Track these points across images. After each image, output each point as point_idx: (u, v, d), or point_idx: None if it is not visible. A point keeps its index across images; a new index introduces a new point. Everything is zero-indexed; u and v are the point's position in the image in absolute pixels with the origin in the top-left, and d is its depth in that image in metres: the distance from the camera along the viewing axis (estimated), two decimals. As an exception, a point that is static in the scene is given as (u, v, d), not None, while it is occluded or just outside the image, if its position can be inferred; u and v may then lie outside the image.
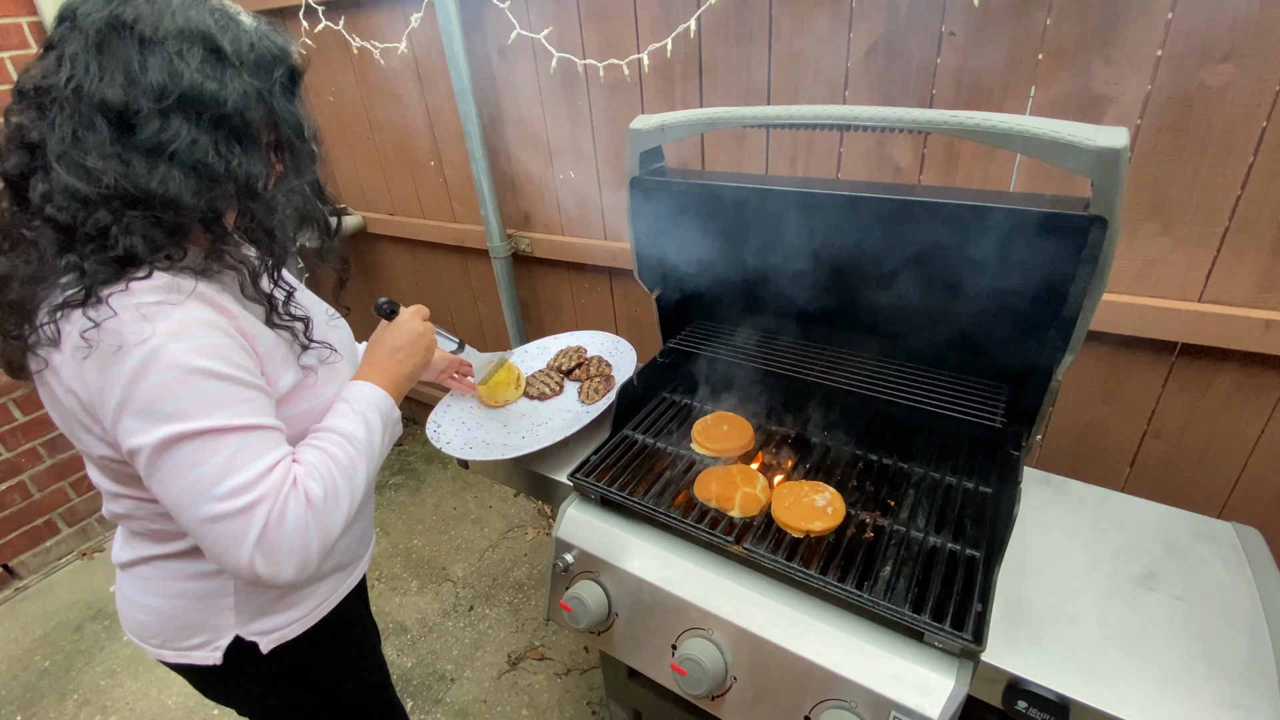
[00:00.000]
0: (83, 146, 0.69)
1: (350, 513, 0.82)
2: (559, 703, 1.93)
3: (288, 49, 0.80)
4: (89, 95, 0.69)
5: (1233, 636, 0.86)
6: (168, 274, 0.74)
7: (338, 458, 0.83)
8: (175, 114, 0.70)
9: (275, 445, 0.78)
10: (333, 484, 0.80)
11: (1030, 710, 0.82)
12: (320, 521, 0.77)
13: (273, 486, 0.74)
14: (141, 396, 0.70)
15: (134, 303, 0.70)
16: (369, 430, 0.88)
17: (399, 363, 0.98)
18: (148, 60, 0.69)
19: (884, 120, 0.86)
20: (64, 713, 2.06)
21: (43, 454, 2.55)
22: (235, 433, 0.73)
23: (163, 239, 0.73)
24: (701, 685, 0.94)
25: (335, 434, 0.85)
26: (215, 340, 0.74)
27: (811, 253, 1.17)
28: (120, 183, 0.69)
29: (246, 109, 0.74)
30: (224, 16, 0.74)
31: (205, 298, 0.76)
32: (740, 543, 1.00)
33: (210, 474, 0.72)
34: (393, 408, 0.94)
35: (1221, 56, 1.07)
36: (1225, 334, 1.21)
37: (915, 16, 1.28)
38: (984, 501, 1.09)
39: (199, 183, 0.72)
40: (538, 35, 1.77)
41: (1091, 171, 0.76)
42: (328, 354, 0.93)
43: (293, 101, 0.80)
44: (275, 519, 0.73)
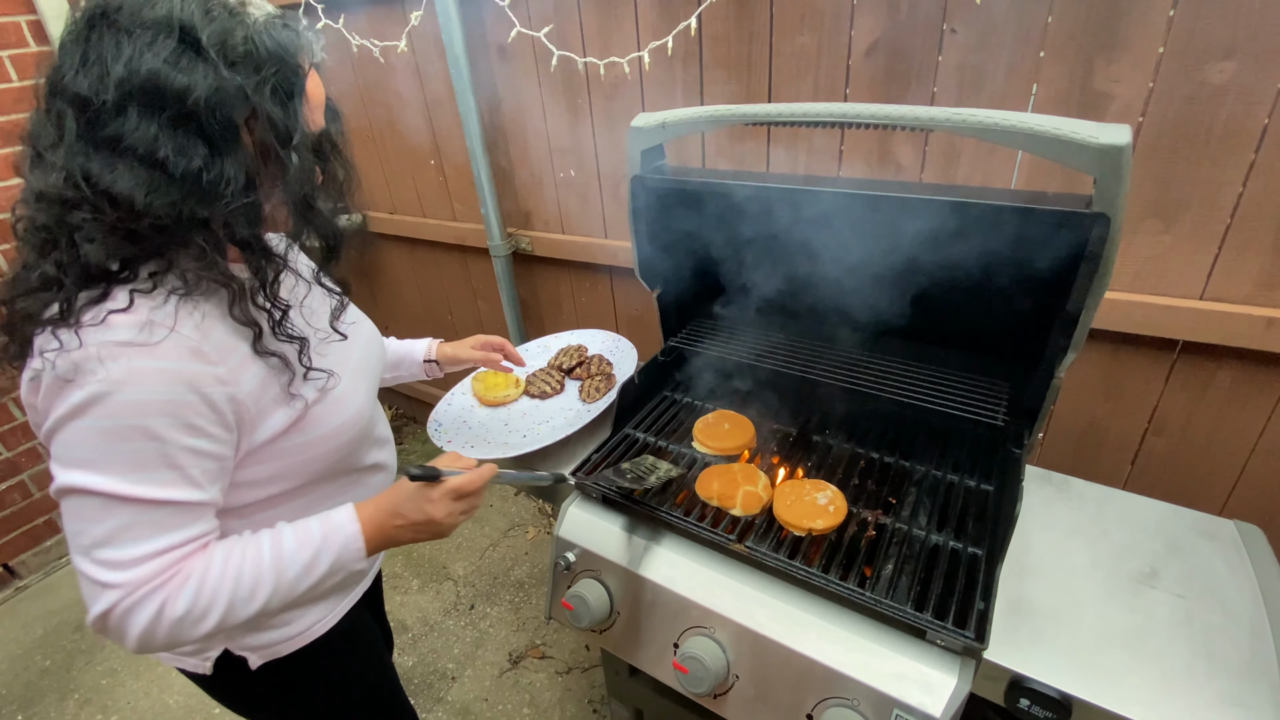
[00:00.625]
0: (55, 143, 0.67)
1: (221, 627, 0.76)
2: (560, 701, 1.93)
3: (292, 48, 0.72)
4: (64, 88, 0.66)
5: (1234, 634, 0.86)
6: (152, 301, 0.70)
7: (239, 584, 0.76)
8: (133, 106, 0.65)
9: (170, 528, 0.72)
10: (204, 608, 0.74)
11: (1033, 708, 0.82)
12: (169, 630, 0.73)
13: (136, 579, 0.70)
14: (70, 435, 0.68)
15: (103, 339, 0.67)
16: (307, 568, 0.80)
17: (397, 529, 0.85)
18: (120, 50, 0.64)
19: (885, 118, 0.86)
20: (65, 712, 2.06)
21: (42, 453, 2.55)
22: (135, 504, 0.70)
23: (124, 247, 0.69)
24: (704, 684, 0.94)
25: (268, 552, 0.78)
26: (172, 396, 0.69)
27: (813, 251, 1.16)
28: (74, 177, 0.66)
29: (220, 106, 0.67)
30: (220, 7, 0.68)
31: (184, 340, 0.70)
32: (742, 541, 1.00)
33: (93, 535, 0.69)
34: (359, 558, 0.83)
35: (1223, 54, 1.07)
36: (1227, 332, 1.21)
37: (916, 14, 1.28)
38: (986, 500, 1.09)
39: (154, 183, 0.66)
40: (538, 33, 1.76)
41: (1094, 169, 0.76)
42: (323, 379, 0.86)
43: (285, 105, 0.72)
44: (121, 610, 0.70)
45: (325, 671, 1.02)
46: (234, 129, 0.69)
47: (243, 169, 0.70)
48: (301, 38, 0.74)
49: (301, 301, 0.87)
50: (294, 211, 0.76)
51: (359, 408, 0.93)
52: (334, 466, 0.92)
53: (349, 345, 0.96)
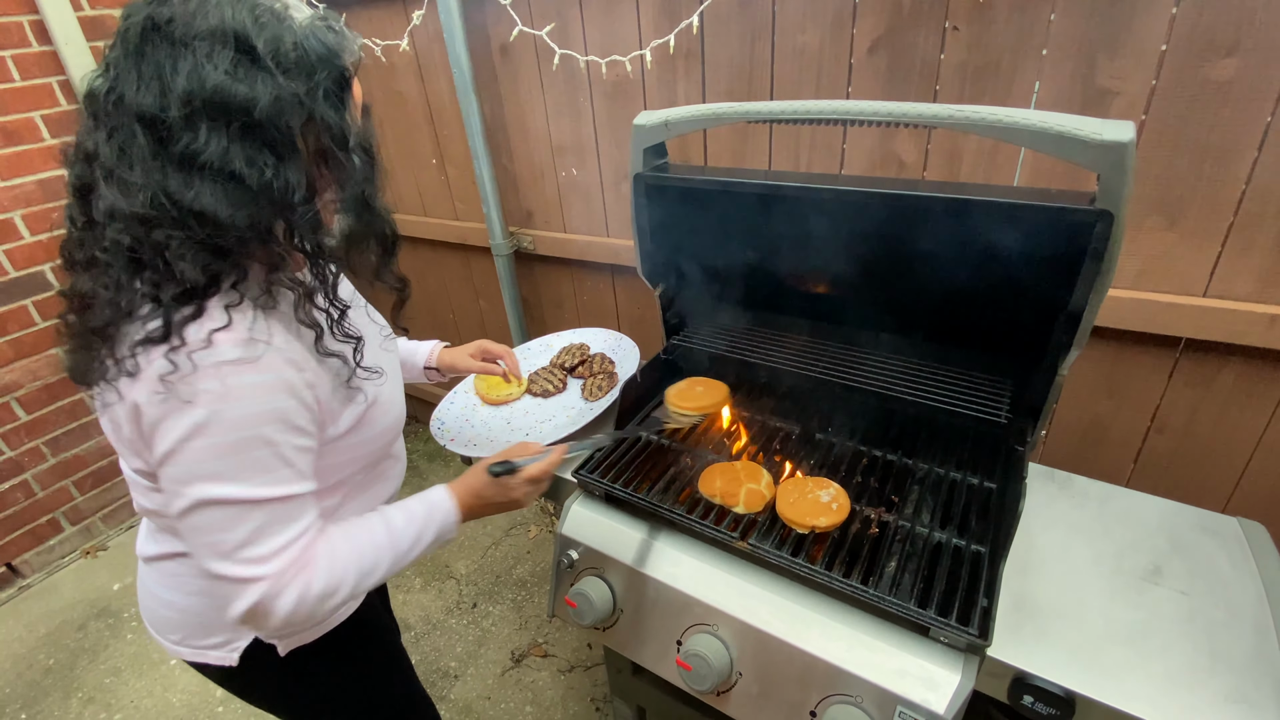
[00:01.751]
0: (127, 160, 0.67)
1: (344, 601, 0.82)
2: (563, 699, 1.94)
3: (338, 49, 0.73)
4: (128, 105, 0.66)
5: (1238, 631, 0.86)
6: (245, 315, 0.72)
7: (363, 558, 0.83)
8: (203, 121, 0.65)
9: (301, 515, 0.78)
10: (338, 583, 0.80)
11: (1036, 705, 0.82)
12: (310, 609, 0.78)
13: (279, 568, 0.76)
14: (192, 453, 0.70)
15: (215, 360, 0.69)
16: (415, 543, 0.89)
17: (482, 507, 0.98)
18: (178, 64, 0.65)
19: (887, 115, 0.86)
20: (69, 711, 2.07)
21: (45, 453, 2.55)
22: (268, 504, 0.74)
23: (213, 262, 0.70)
24: (707, 681, 0.94)
25: (385, 530, 0.87)
26: (281, 404, 0.73)
27: (815, 248, 1.17)
28: (159, 199, 0.66)
29: (281, 114, 0.68)
30: (267, 13, 0.68)
31: (281, 351, 0.74)
32: (745, 539, 1.00)
33: (232, 540, 0.74)
34: (453, 531, 0.94)
35: (1226, 51, 1.07)
36: (1230, 329, 1.21)
37: (918, 11, 1.28)
38: (989, 497, 1.09)
39: (235, 196, 0.67)
40: (540, 32, 1.76)
41: (1098, 165, 0.76)
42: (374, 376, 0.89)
43: (339, 107, 0.73)
44: (269, 597, 0.75)
45: (345, 660, 1.06)
46: (292, 136, 0.70)
47: (303, 175, 0.71)
48: (344, 38, 0.75)
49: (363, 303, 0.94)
50: (353, 211, 0.78)
51: (402, 402, 1.00)
52: (371, 461, 0.97)
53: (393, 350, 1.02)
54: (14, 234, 2.28)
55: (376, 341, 0.97)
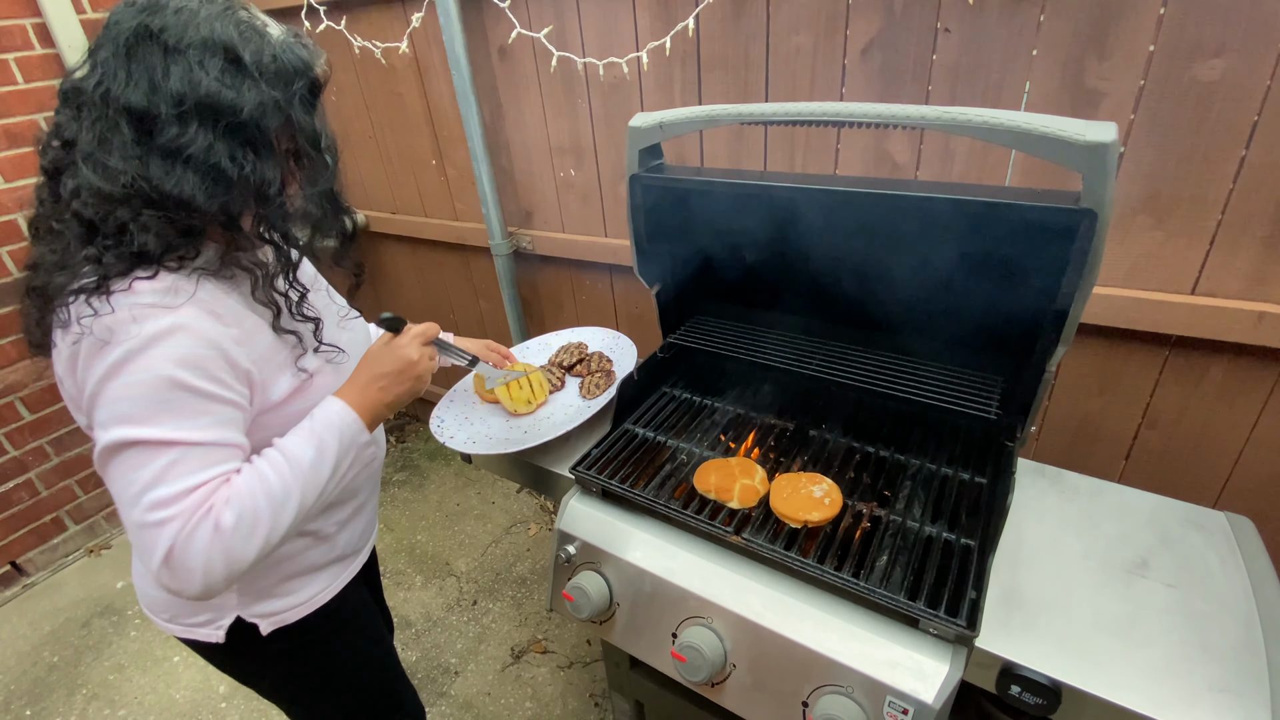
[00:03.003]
0: (107, 147, 0.73)
1: (271, 539, 0.81)
2: (562, 695, 1.95)
3: (310, 62, 0.82)
4: (115, 99, 0.73)
5: (1224, 623, 0.88)
6: (173, 275, 0.78)
7: (270, 485, 0.81)
8: (193, 120, 0.73)
9: (212, 464, 0.78)
10: (252, 513, 0.79)
11: (1023, 695, 0.83)
12: (227, 548, 0.77)
13: (186, 508, 0.75)
14: (110, 393, 0.74)
15: (131, 301, 0.74)
16: (319, 455, 0.86)
17: (381, 389, 0.93)
18: (170, 68, 0.72)
19: (878, 116, 0.88)
20: (73, 707, 2.09)
21: (49, 452, 2.57)
22: (176, 446, 0.76)
23: (176, 238, 0.77)
24: (701, 672, 0.96)
25: (280, 456, 0.84)
26: (196, 350, 0.76)
27: (809, 248, 1.18)
28: (138, 183, 0.73)
29: (263, 118, 0.77)
30: (249, 29, 0.77)
31: (203, 303, 0.78)
32: (739, 533, 1.02)
33: (141, 482, 0.75)
34: (360, 431, 0.90)
35: (1213, 51, 1.08)
36: (1219, 326, 1.22)
37: (911, 14, 1.29)
38: (979, 492, 1.10)
39: (212, 186, 0.75)
40: (538, 34, 1.78)
41: (1081, 166, 0.77)
42: (334, 354, 0.97)
43: (311, 112, 0.82)
44: (182, 541, 0.75)
45: (327, 640, 1.10)
46: (271, 136, 0.79)
47: (279, 171, 0.81)
48: (313, 52, 0.83)
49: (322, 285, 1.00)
50: (320, 204, 0.87)
51: None
52: None
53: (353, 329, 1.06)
54: (17, 235, 2.30)
55: (333, 321, 1.02)
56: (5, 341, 2.38)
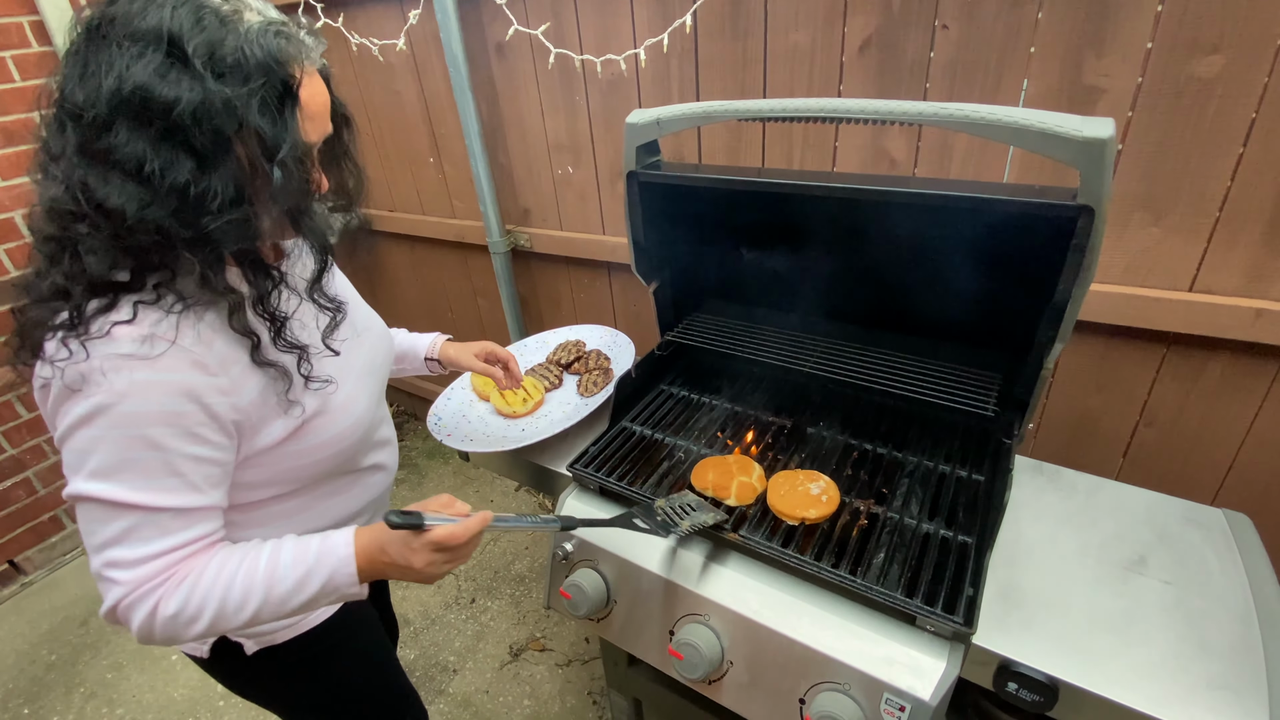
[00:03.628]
0: (57, 154, 0.68)
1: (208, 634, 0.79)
2: (560, 693, 1.95)
3: (284, 57, 0.70)
4: (63, 100, 0.67)
5: (1221, 619, 0.88)
6: (155, 313, 0.71)
7: (230, 591, 0.77)
8: (122, 120, 0.65)
9: (173, 530, 0.75)
10: (194, 612, 0.76)
11: (1020, 692, 0.83)
12: (161, 629, 0.76)
13: (136, 578, 0.74)
14: (78, 442, 0.71)
15: (108, 351, 0.69)
16: (299, 588, 0.79)
17: (384, 565, 0.82)
18: (113, 62, 0.64)
19: (874, 113, 0.88)
20: (71, 705, 2.08)
21: (47, 450, 2.57)
22: (137, 510, 0.73)
23: (121, 259, 0.70)
24: (698, 669, 0.96)
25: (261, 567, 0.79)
26: (173, 407, 0.71)
27: (806, 245, 1.18)
28: (74, 190, 0.67)
29: (207, 119, 0.65)
30: (211, 15, 0.67)
31: (186, 352, 0.72)
32: (736, 530, 1.02)
33: (101, 537, 0.74)
34: (350, 584, 0.81)
35: (1211, 48, 1.08)
36: (1216, 323, 1.22)
37: (909, 10, 1.29)
38: (977, 489, 1.10)
39: (144, 196, 0.66)
40: (535, 31, 1.78)
41: (1078, 162, 0.77)
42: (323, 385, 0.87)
43: (275, 116, 0.70)
44: (124, 606, 0.75)
45: (322, 658, 1.04)
46: (224, 141, 0.68)
47: (232, 182, 0.69)
48: (294, 45, 0.71)
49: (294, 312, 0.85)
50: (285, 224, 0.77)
51: (359, 414, 0.93)
52: (330, 471, 0.93)
53: (354, 350, 0.96)
54: (14, 233, 2.30)
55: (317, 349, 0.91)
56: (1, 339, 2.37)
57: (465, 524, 0.81)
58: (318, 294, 0.85)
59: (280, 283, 0.80)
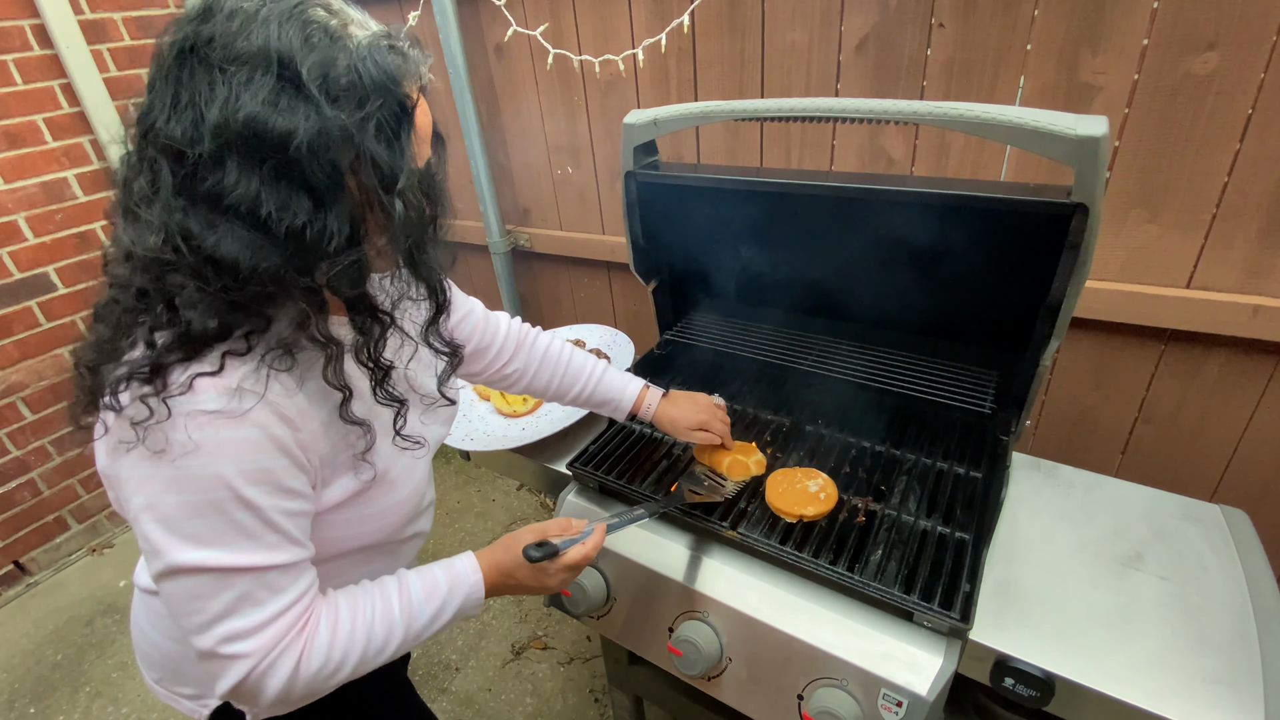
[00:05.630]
0: (151, 197, 0.60)
1: (353, 678, 0.74)
2: (562, 691, 1.96)
3: (398, 75, 0.63)
4: (156, 135, 0.58)
5: (1218, 615, 0.88)
6: (244, 365, 0.64)
7: (372, 635, 0.74)
8: (233, 157, 0.57)
9: (286, 586, 0.69)
10: (339, 660, 0.72)
11: (1017, 687, 0.84)
12: (305, 688, 0.70)
13: (265, 643, 0.67)
14: (167, 509, 0.63)
15: (191, 409, 0.62)
16: (434, 620, 0.78)
17: (509, 586, 0.84)
18: (214, 91, 0.57)
19: (871, 112, 0.88)
20: (76, 704, 2.10)
21: (51, 451, 2.58)
22: (250, 573, 0.66)
23: (227, 315, 0.62)
24: (697, 666, 0.97)
25: (397, 606, 0.76)
26: (266, 464, 0.65)
27: (804, 244, 1.19)
28: (174, 240, 0.59)
29: (325, 150, 0.59)
30: (320, 31, 0.59)
31: (273, 406, 0.65)
32: (735, 528, 1.02)
33: (210, 612, 0.66)
34: (478, 608, 0.83)
35: (1207, 45, 1.08)
36: (1214, 320, 1.22)
37: (905, 9, 1.30)
38: (974, 486, 1.10)
39: (260, 243, 0.59)
40: (534, 32, 1.78)
41: (1072, 159, 0.78)
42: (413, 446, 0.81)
43: (392, 142, 0.63)
44: (256, 676, 0.67)
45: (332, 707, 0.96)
46: (338, 175, 0.61)
47: (348, 220, 0.62)
48: (409, 61, 0.65)
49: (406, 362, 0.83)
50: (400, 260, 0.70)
51: (417, 483, 0.86)
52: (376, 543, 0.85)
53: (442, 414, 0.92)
54: (18, 236, 2.31)
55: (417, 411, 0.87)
56: (6, 342, 2.38)
57: (592, 541, 0.87)
58: (433, 338, 0.80)
59: (390, 326, 0.72)
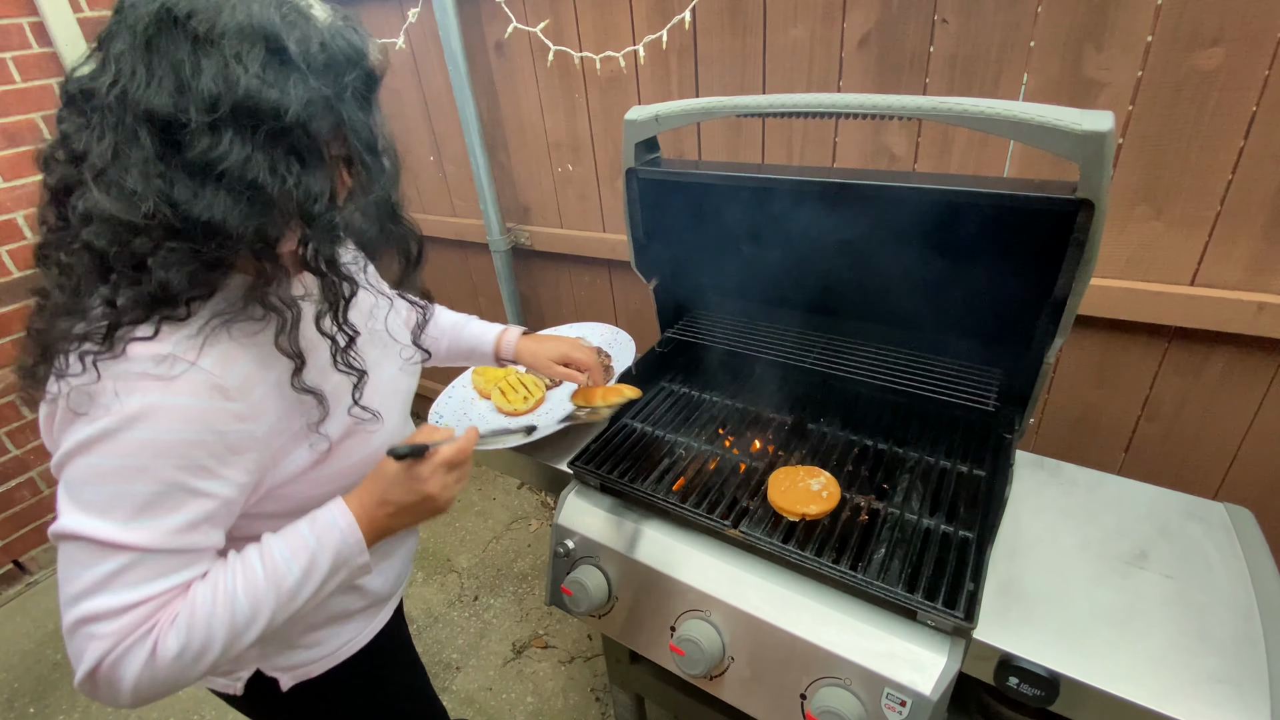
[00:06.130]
0: (124, 164, 0.60)
1: (220, 662, 0.70)
2: (563, 689, 1.96)
3: (363, 48, 0.69)
4: (134, 103, 0.59)
5: (1222, 614, 0.88)
6: (179, 331, 0.65)
7: (235, 609, 0.69)
8: (228, 127, 0.60)
9: (167, 572, 0.67)
10: (202, 640, 0.67)
11: (1021, 686, 0.83)
12: (164, 674, 0.66)
13: (121, 628, 0.64)
14: (75, 470, 0.64)
15: (118, 370, 0.63)
16: (304, 575, 0.73)
17: (390, 516, 0.79)
18: (201, 63, 0.59)
19: (873, 107, 0.87)
20: (76, 704, 2.09)
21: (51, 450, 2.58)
22: (129, 551, 0.64)
23: (203, 273, 0.64)
24: (699, 665, 0.96)
25: (260, 570, 0.72)
26: (185, 436, 0.64)
27: (806, 240, 1.18)
28: (160, 208, 0.60)
29: (311, 119, 0.63)
30: (292, 10, 0.64)
31: (206, 375, 0.65)
32: (737, 526, 1.02)
33: (80, 583, 0.64)
34: (360, 553, 0.77)
35: (1211, 41, 1.08)
36: (1218, 317, 1.22)
37: (908, 5, 1.29)
38: (978, 484, 1.10)
39: (249, 206, 0.62)
40: (534, 28, 1.78)
41: (1078, 155, 0.77)
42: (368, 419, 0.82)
43: (366, 109, 0.69)
44: (110, 663, 0.64)
45: (357, 688, 1.00)
46: (320, 141, 0.65)
47: (328, 182, 0.67)
48: (364, 37, 0.70)
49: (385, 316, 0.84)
50: (377, 219, 0.73)
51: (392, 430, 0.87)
52: None
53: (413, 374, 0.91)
54: (17, 234, 2.30)
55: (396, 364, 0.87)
56: (5, 341, 2.38)
57: (465, 438, 0.82)
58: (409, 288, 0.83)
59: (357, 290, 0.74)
